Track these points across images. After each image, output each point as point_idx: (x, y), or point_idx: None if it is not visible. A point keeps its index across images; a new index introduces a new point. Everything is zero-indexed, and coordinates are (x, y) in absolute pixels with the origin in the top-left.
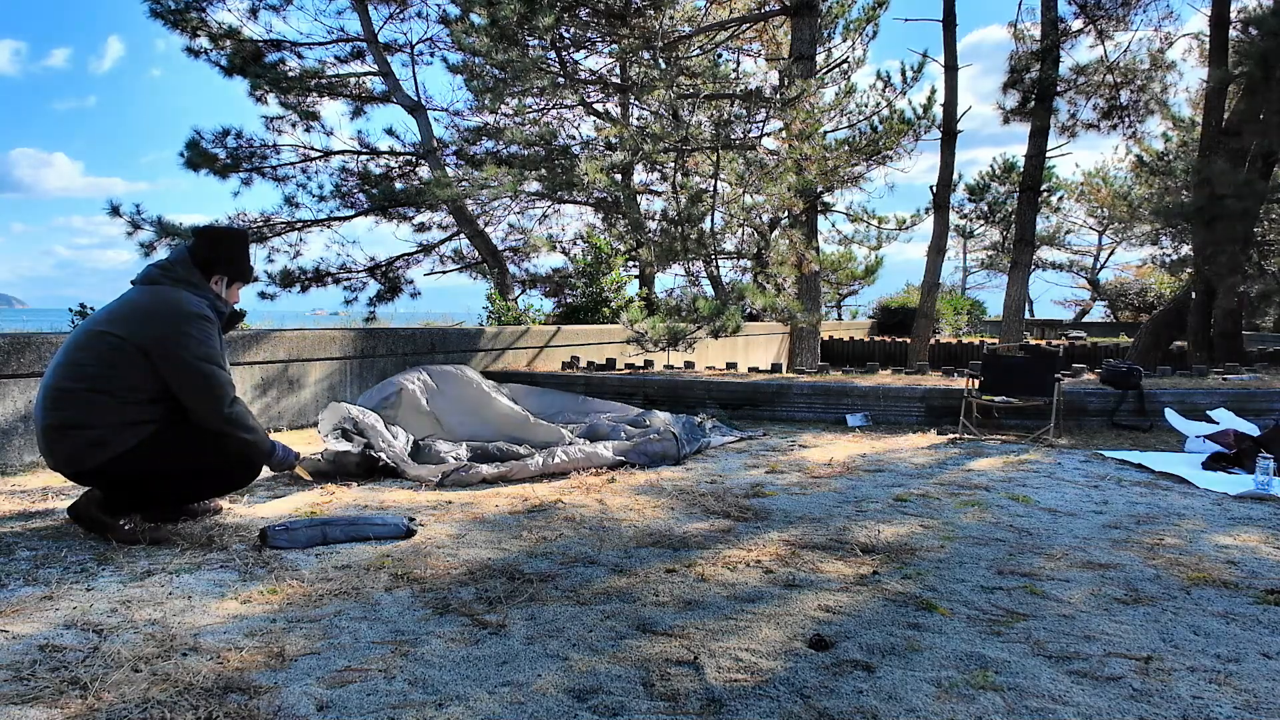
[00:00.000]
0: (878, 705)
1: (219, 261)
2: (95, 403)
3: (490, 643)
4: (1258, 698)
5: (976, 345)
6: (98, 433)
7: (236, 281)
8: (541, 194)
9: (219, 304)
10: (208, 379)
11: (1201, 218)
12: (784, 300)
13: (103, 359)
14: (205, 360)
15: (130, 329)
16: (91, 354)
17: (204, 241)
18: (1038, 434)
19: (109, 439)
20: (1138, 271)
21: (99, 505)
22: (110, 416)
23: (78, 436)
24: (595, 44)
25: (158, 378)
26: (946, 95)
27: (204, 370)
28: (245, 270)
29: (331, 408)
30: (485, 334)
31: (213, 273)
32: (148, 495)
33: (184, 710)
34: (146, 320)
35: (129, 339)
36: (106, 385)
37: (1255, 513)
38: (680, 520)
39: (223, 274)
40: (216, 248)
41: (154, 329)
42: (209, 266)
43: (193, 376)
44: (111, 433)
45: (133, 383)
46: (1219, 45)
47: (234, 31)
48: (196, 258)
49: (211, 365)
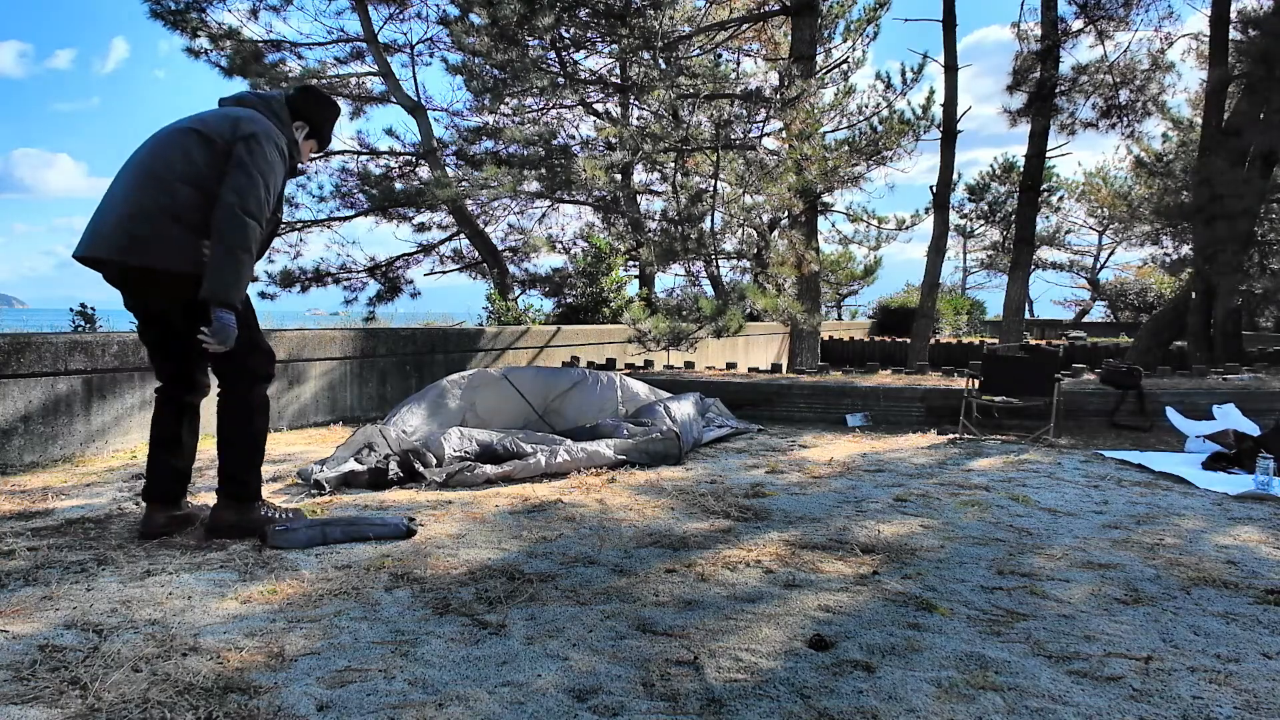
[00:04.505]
0: (878, 705)
1: (309, 111)
2: (179, 192)
3: (490, 643)
4: (1258, 698)
5: (976, 345)
6: (184, 228)
7: (313, 138)
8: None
9: (292, 148)
10: (253, 180)
11: (1201, 218)
12: (784, 301)
13: (189, 153)
14: (261, 173)
15: (219, 129)
16: (179, 149)
17: (303, 92)
18: (1038, 434)
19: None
20: (1138, 271)
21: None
22: (194, 207)
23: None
24: (595, 44)
25: None
26: (946, 95)
27: (255, 178)
28: (325, 132)
29: (359, 434)
30: (485, 334)
31: (298, 119)
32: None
33: (184, 710)
34: (235, 125)
35: (217, 139)
36: (193, 177)
37: (1255, 513)
38: (680, 520)
39: (305, 124)
40: (309, 100)
41: (235, 130)
42: (297, 112)
43: (243, 173)
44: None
45: (210, 180)
46: (1219, 45)
47: (234, 32)
48: (291, 102)
49: (262, 180)
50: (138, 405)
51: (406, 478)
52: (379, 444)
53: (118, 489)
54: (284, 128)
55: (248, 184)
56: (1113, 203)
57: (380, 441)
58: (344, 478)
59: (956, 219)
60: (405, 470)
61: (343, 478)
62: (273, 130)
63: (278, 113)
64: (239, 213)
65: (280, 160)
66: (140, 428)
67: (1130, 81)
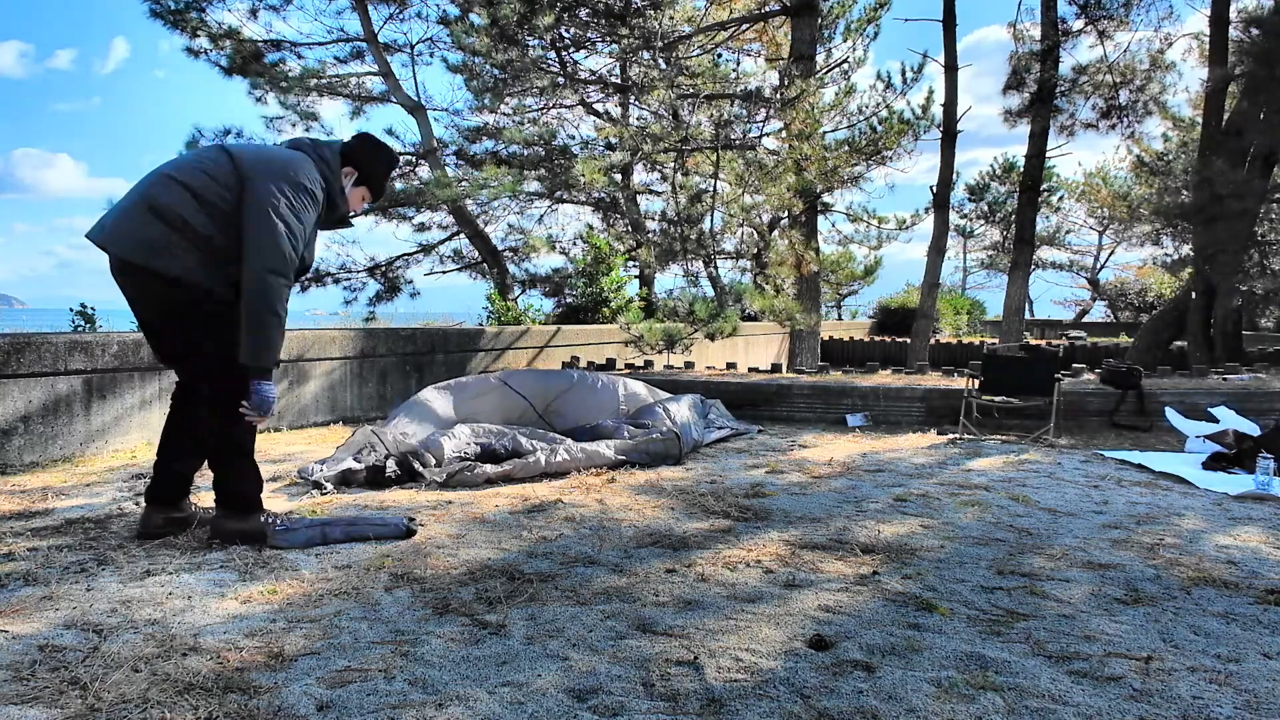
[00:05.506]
0: (878, 705)
1: (360, 158)
2: (191, 205)
3: (490, 643)
4: (1258, 698)
5: (976, 345)
6: (180, 235)
7: (363, 185)
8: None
9: (336, 195)
10: (274, 234)
11: (1201, 218)
12: (783, 301)
13: (216, 175)
14: (283, 220)
15: (249, 161)
16: (209, 166)
17: (358, 139)
18: (1038, 434)
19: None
20: (1138, 271)
21: (229, 518)
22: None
23: (163, 227)
24: (595, 44)
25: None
26: (946, 95)
27: (277, 227)
28: (377, 181)
29: (358, 434)
30: (485, 334)
31: (349, 164)
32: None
33: (184, 710)
34: (266, 160)
35: (250, 174)
36: (211, 198)
37: (1255, 513)
38: (680, 520)
39: (355, 170)
40: (365, 148)
41: (264, 167)
42: (349, 157)
43: (264, 223)
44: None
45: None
46: (1219, 45)
47: (234, 32)
48: (345, 147)
49: (286, 229)
50: (138, 405)
51: (406, 477)
52: (378, 445)
53: (118, 489)
54: (332, 175)
55: (270, 236)
56: (1113, 203)
57: (379, 442)
58: (342, 476)
59: (956, 219)
60: (404, 470)
61: (341, 476)
62: (311, 176)
63: (328, 160)
64: (266, 275)
65: (311, 207)
66: (140, 428)
67: (1130, 82)
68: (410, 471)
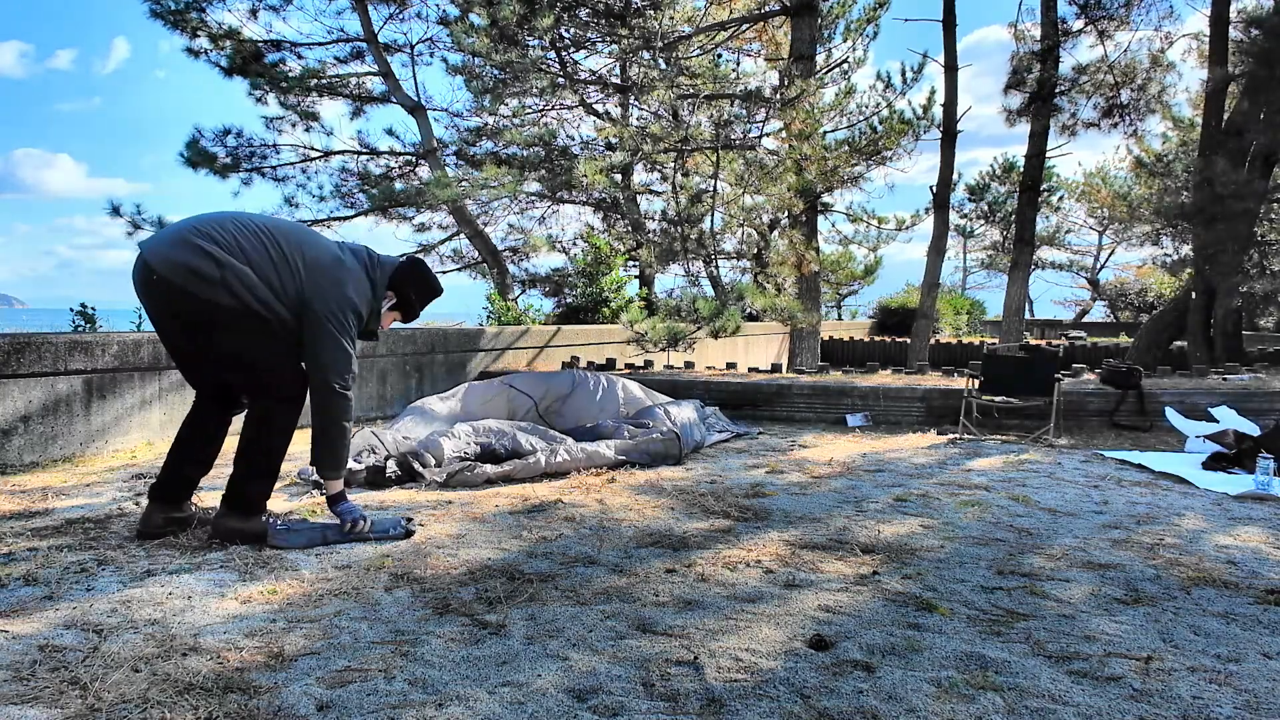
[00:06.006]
0: (878, 705)
1: (402, 289)
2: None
3: (490, 643)
4: (1258, 698)
5: (976, 345)
6: (223, 284)
7: (396, 311)
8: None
9: (373, 315)
10: (340, 353)
11: (1202, 218)
12: (784, 301)
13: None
14: (345, 339)
15: (318, 276)
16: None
17: (410, 266)
18: (1038, 434)
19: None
20: (1138, 271)
21: (233, 516)
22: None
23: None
24: (595, 44)
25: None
26: (946, 95)
27: (342, 347)
28: (412, 311)
29: (358, 435)
30: (485, 334)
31: (392, 287)
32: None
33: (184, 710)
34: (332, 281)
35: (309, 276)
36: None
37: (1255, 513)
38: (680, 520)
39: (395, 297)
40: (410, 278)
41: (330, 290)
42: (396, 283)
43: (331, 344)
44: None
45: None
46: (1219, 45)
47: (234, 32)
48: (396, 272)
49: (347, 346)
50: (138, 405)
51: (406, 477)
52: (378, 445)
53: (118, 489)
54: (375, 298)
55: (341, 358)
56: (1113, 203)
57: (379, 443)
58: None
59: (956, 219)
60: (404, 470)
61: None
62: (364, 298)
63: (376, 282)
64: (335, 392)
65: (357, 325)
66: (140, 428)
67: (1131, 81)
68: (410, 472)
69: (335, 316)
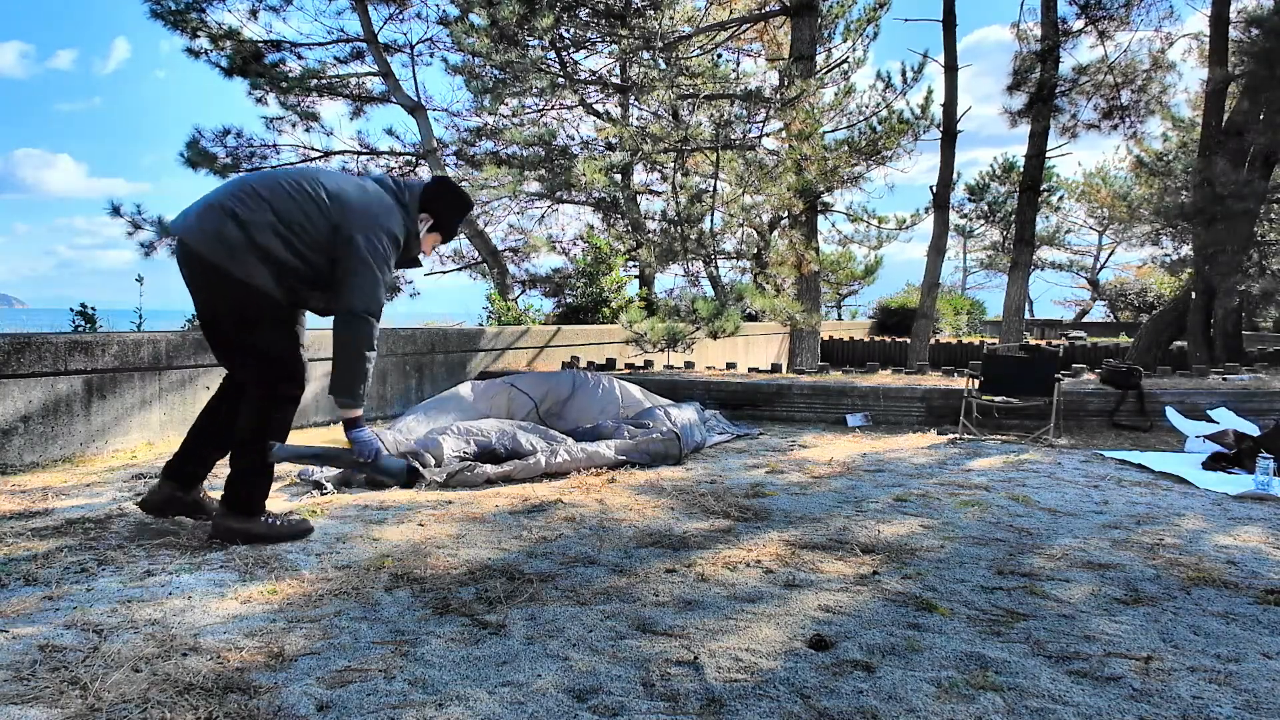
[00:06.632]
0: (878, 705)
1: (436, 205)
2: (262, 214)
3: (490, 643)
4: (1258, 698)
5: (976, 345)
6: (253, 248)
7: (436, 231)
8: (541, 194)
9: (412, 240)
10: (376, 281)
11: (1202, 218)
12: (783, 301)
13: (299, 200)
14: (379, 268)
15: (348, 205)
16: (306, 199)
17: (437, 184)
18: (1038, 434)
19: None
20: (1138, 271)
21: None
22: (274, 241)
23: (240, 235)
24: (595, 44)
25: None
26: (946, 95)
27: (375, 274)
28: (449, 228)
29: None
30: (485, 334)
31: (426, 209)
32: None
33: (184, 710)
34: (364, 207)
35: (341, 223)
36: (291, 219)
37: (1255, 513)
38: (680, 520)
39: (431, 216)
40: (442, 194)
41: (362, 217)
42: (427, 204)
43: (365, 271)
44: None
45: (309, 238)
46: (1219, 45)
47: (234, 32)
48: (424, 193)
49: (380, 276)
50: (138, 405)
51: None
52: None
53: (118, 489)
54: (409, 219)
55: (370, 283)
56: (1113, 203)
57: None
58: (342, 476)
59: (956, 219)
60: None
61: (341, 477)
62: (396, 221)
63: (407, 204)
64: (365, 317)
65: (395, 251)
66: (140, 428)
67: (1131, 81)
68: None
69: (369, 240)
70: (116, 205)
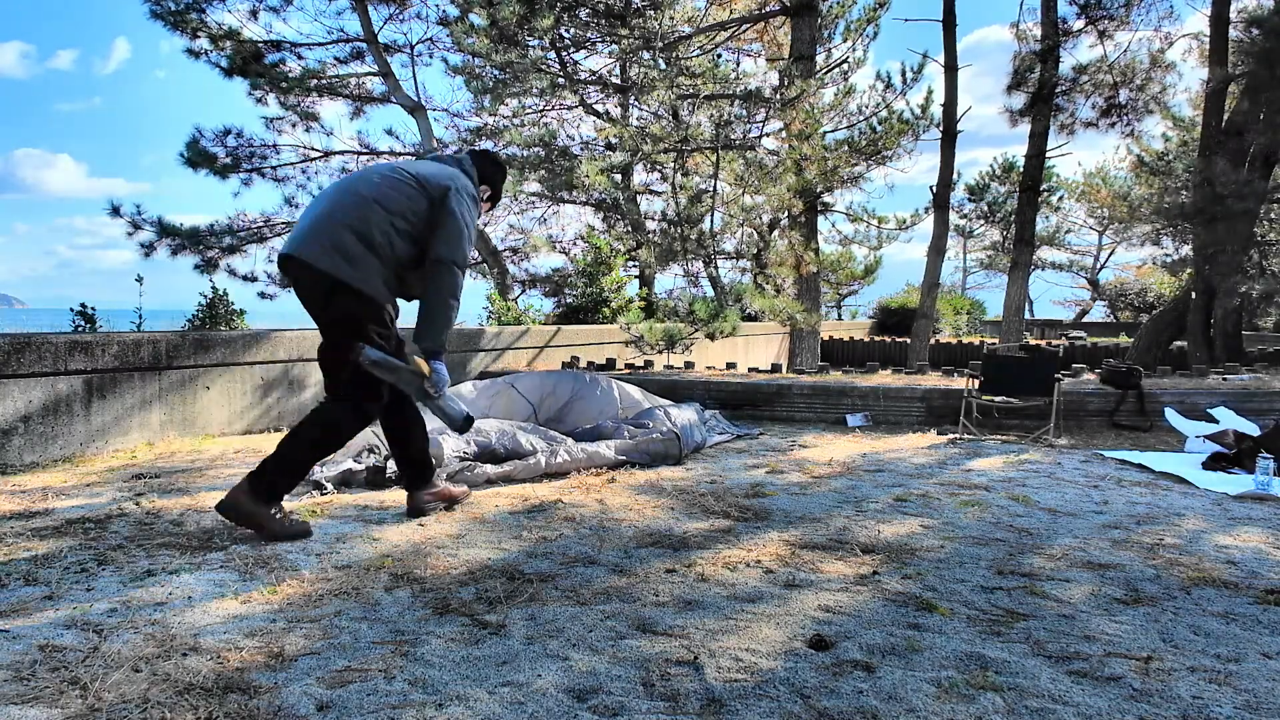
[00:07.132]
0: (878, 705)
1: (492, 176)
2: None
3: (490, 643)
4: (1258, 698)
5: (976, 345)
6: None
7: (488, 200)
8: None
9: (480, 203)
10: (462, 233)
11: (1202, 218)
12: (783, 301)
13: (411, 199)
14: (468, 225)
15: (433, 178)
16: (402, 192)
17: (486, 159)
18: (1038, 434)
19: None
20: (1138, 271)
21: (251, 495)
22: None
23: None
24: (595, 44)
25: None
26: (946, 95)
27: (463, 227)
28: (498, 194)
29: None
30: (485, 334)
31: (482, 183)
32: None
33: (184, 710)
34: (450, 175)
35: (434, 192)
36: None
37: (1255, 513)
38: (680, 520)
39: (489, 186)
40: (488, 163)
41: (450, 181)
42: (483, 175)
43: (455, 224)
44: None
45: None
46: (1219, 45)
47: (234, 32)
48: (479, 165)
49: (468, 229)
50: (138, 405)
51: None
52: (379, 446)
53: (118, 489)
54: (477, 191)
55: (459, 237)
56: (1113, 203)
57: (379, 444)
58: (343, 477)
59: (956, 219)
60: None
61: (341, 477)
62: (472, 185)
63: (469, 173)
64: (453, 266)
65: (475, 210)
66: (140, 428)
67: (1131, 81)
68: None
69: (457, 195)
70: (116, 205)
